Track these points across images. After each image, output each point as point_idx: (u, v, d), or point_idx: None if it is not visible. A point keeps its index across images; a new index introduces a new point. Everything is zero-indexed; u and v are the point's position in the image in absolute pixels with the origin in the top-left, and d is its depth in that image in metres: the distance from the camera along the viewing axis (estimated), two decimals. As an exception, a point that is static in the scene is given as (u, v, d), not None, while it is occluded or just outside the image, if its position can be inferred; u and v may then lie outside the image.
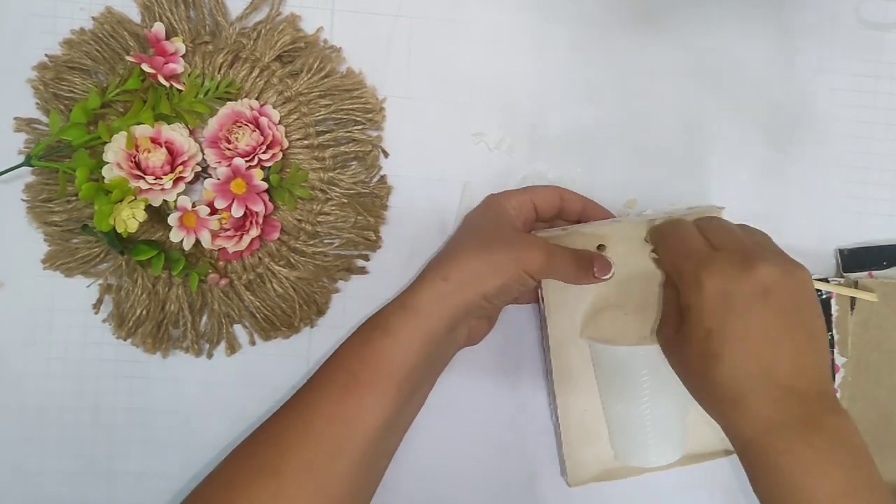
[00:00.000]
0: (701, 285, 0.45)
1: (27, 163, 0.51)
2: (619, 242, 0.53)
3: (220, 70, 0.53)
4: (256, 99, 0.53)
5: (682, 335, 0.47)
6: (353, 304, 0.56)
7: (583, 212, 0.54)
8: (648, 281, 0.54)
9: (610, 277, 0.51)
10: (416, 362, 0.47)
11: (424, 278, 0.49)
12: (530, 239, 0.49)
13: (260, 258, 0.54)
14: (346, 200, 0.54)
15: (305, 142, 0.54)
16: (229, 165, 0.51)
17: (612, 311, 0.54)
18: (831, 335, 0.57)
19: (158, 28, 0.52)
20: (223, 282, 0.54)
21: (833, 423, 0.43)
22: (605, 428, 0.55)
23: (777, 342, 0.43)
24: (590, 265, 0.51)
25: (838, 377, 0.56)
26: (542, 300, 0.53)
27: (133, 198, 0.50)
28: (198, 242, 0.52)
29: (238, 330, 0.56)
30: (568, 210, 0.54)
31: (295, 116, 0.53)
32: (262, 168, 0.52)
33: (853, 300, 0.57)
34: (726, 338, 0.44)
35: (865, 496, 0.42)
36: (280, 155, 0.52)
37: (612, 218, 0.55)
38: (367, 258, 0.56)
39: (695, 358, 0.45)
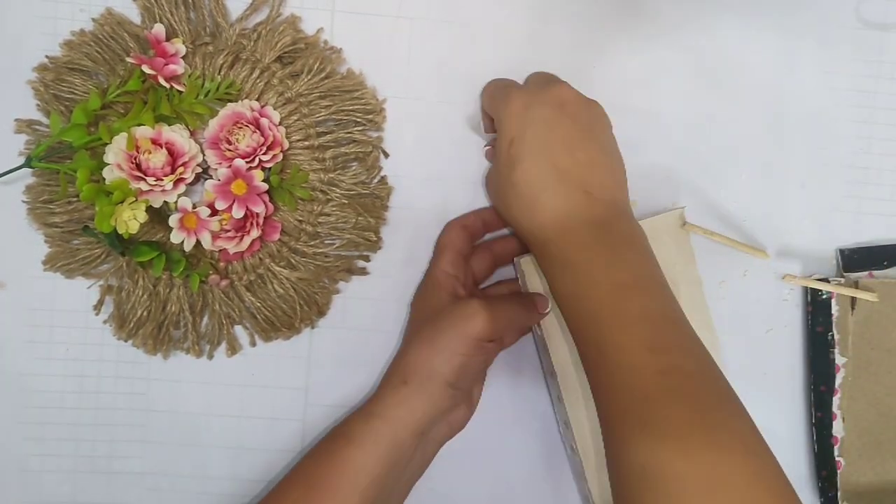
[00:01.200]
0: (509, 101, 0.48)
1: (28, 164, 0.51)
2: None
3: (220, 71, 0.53)
4: (257, 100, 0.53)
5: (495, 153, 0.49)
6: (353, 304, 0.56)
7: (483, 225, 0.55)
8: None
9: (548, 311, 0.52)
10: (381, 471, 0.47)
11: (386, 384, 0.50)
12: (472, 307, 0.49)
13: (260, 259, 0.54)
14: (346, 201, 0.54)
15: (306, 143, 0.54)
16: (230, 166, 0.51)
17: None
18: (831, 335, 0.57)
19: (159, 29, 0.52)
20: (224, 283, 0.54)
21: (624, 227, 0.46)
22: None
23: (571, 148, 0.46)
24: (533, 305, 0.51)
25: (838, 377, 0.56)
26: (538, 327, 0.53)
27: (134, 199, 0.50)
28: (198, 243, 0.52)
29: (239, 331, 0.56)
30: (490, 226, 0.55)
31: (295, 117, 0.53)
32: (263, 169, 0.52)
33: (853, 300, 0.57)
34: (525, 141, 0.46)
35: (651, 287, 0.44)
36: (280, 156, 0.52)
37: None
38: (367, 259, 0.56)
39: (503, 167, 0.47)
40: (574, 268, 0.44)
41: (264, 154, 0.51)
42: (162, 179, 0.50)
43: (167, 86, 0.51)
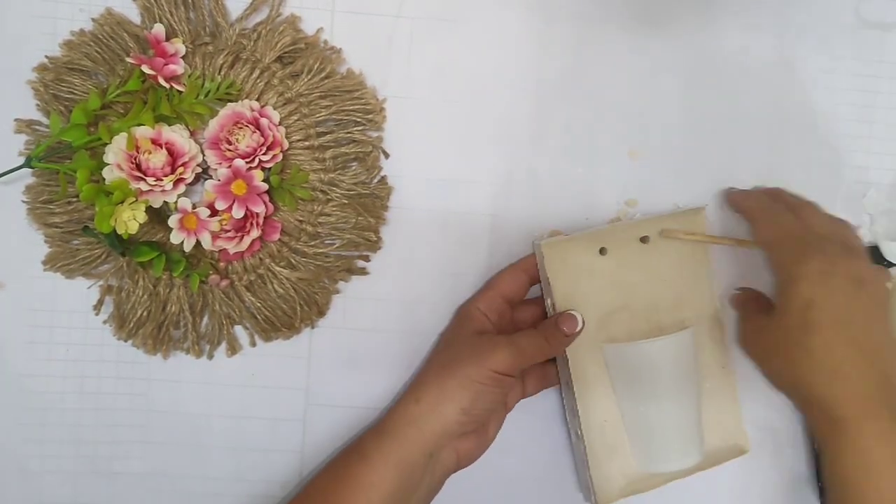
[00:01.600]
0: (805, 260, 0.46)
1: (27, 164, 0.51)
2: (618, 246, 0.54)
3: (220, 71, 0.53)
4: (257, 100, 0.53)
5: (778, 309, 0.47)
6: (353, 304, 0.56)
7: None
8: (651, 280, 0.54)
9: (581, 328, 0.52)
10: (393, 486, 0.48)
11: (399, 402, 0.51)
12: (494, 340, 0.50)
13: (261, 259, 0.54)
14: (346, 201, 0.54)
15: (306, 143, 0.54)
16: (230, 166, 0.51)
17: (619, 313, 0.54)
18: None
19: (158, 29, 0.52)
20: (224, 283, 0.54)
21: None
22: (625, 438, 0.54)
23: (870, 327, 0.45)
24: (557, 330, 0.51)
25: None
26: (553, 309, 0.53)
27: (134, 199, 0.50)
28: (198, 244, 0.52)
29: (239, 331, 0.56)
30: (535, 276, 0.55)
31: (295, 117, 0.53)
32: (263, 169, 0.52)
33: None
34: (826, 310, 0.45)
35: None
36: (280, 156, 0.52)
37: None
38: (367, 259, 0.56)
39: (793, 328, 0.46)
40: (864, 455, 0.43)
41: (264, 154, 0.51)
42: (162, 179, 0.50)
43: (167, 86, 0.51)
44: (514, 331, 0.53)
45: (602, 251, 0.54)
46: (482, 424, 0.52)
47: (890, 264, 0.57)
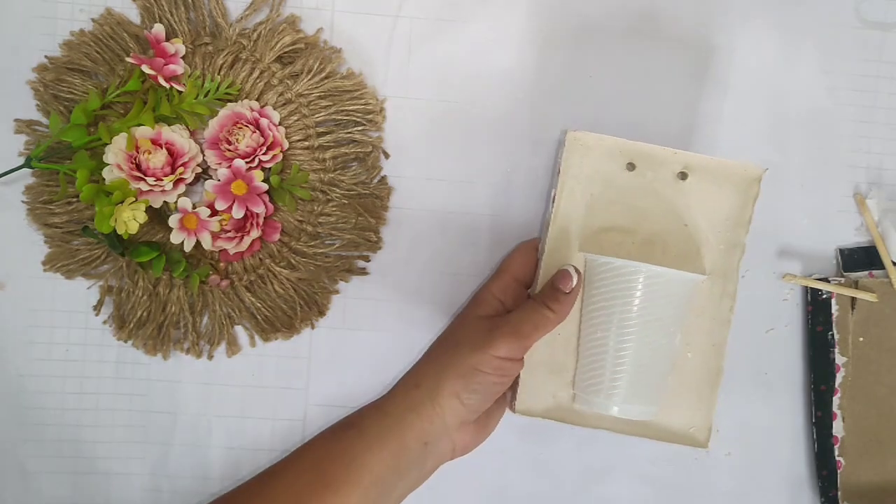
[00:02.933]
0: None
1: (27, 164, 0.51)
2: (651, 168, 0.50)
3: (220, 71, 0.53)
4: (257, 100, 0.53)
5: None
6: (353, 304, 0.56)
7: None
8: (671, 218, 0.51)
9: (577, 283, 0.49)
10: (385, 468, 0.48)
11: (399, 385, 0.51)
12: (496, 324, 0.49)
13: (260, 259, 0.54)
14: (346, 201, 0.54)
15: (306, 143, 0.54)
16: (230, 167, 0.51)
17: (618, 234, 0.51)
18: (831, 334, 0.57)
19: (158, 29, 0.52)
20: (224, 283, 0.54)
21: None
22: (573, 363, 0.51)
23: None
24: (555, 291, 0.49)
25: (838, 376, 0.56)
26: (552, 202, 0.51)
27: (133, 199, 0.50)
28: (198, 244, 0.52)
29: (239, 331, 0.56)
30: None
31: (295, 118, 0.53)
32: (263, 169, 0.52)
33: (853, 300, 0.57)
34: None
35: None
36: (280, 156, 0.52)
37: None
38: (367, 259, 0.56)
39: None
40: None
41: (264, 154, 0.51)
42: (162, 180, 0.50)
43: (167, 86, 0.51)
44: None
45: (630, 166, 0.50)
46: (482, 416, 0.51)
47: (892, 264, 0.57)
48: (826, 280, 0.57)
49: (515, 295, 0.53)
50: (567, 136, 0.51)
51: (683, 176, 0.51)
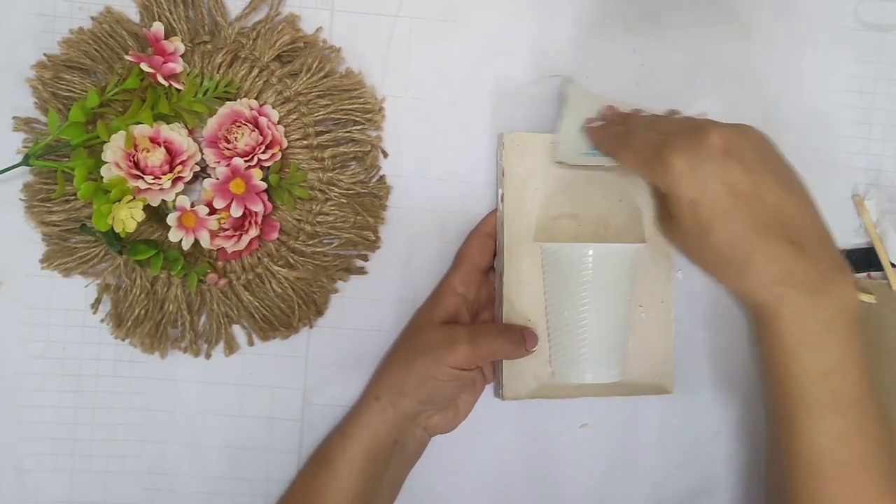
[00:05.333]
0: (668, 166, 0.44)
1: (25, 162, 0.51)
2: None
3: (219, 70, 0.53)
4: (255, 99, 0.53)
5: (674, 217, 0.46)
6: (351, 304, 0.56)
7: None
8: (607, 197, 0.55)
9: (534, 350, 0.52)
10: (359, 487, 0.50)
11: (361, 400, 0.53)
12: (453, 335, 0.50)
13: (259, 258, 0.54)
14: (345, 201, 0.54)
15: (304, 142, 0.54)
16: (228, 165, 0.51)
17: (566, 220, 0.55)
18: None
19: (157, 27, 0.52)
20: (222, 282, 0.54)
21: (840, 289, 0.44)
22: (546, 345, 0.54)
23: (756, 196, 0.44)
24: (522, 341, 0.51)
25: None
26: (501, 201, 0.54)
27: (131, 197, 0.50)
28: (196, 242, 0.51)
29: (237, 330, 0.56)
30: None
31: (294, 116, 0.53)
32: (262, 168, 0.52)
33: (851, 301, 0.57)
34: (709, 203, 0.44)
35: (854, 371, 0.44)
36: (279, 155, 0.52)
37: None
38: (366, 258, 0.56)
39: (692, 233, 0.45)
40: (780, 340, 0.44)
41: (263, 153, 0.51)
42: (160, 178, 0.50)
43: (166, 84, 0.51)
44: (490, 299, 0.54)
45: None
46: (448, 406, 0.53)
47: (892, 265, 0.57)
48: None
49: (477, 282, 0.54)
50: (504, 138, 0.54)
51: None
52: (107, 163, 0.50)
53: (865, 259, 0.57)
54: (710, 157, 0.44)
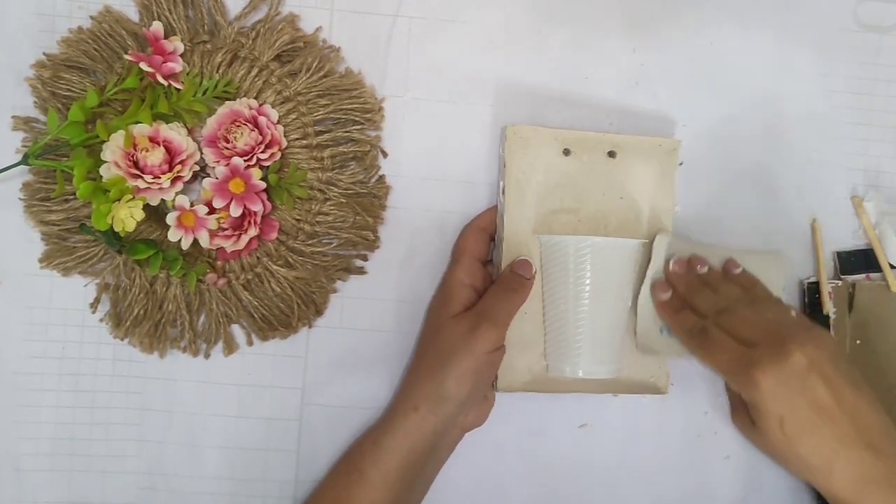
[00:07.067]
0: (756, 385, 0.47)
1: (24, 161, 0.51)
2: (583, 151, 0.55)
3: (218, 69, 0.53)
4: (255, 98, 0.53)
5: (759, 426, 0.49)
6: (351, 304, 0.56)
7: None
8: (608, 193, 0.55)
9: (534, 273, 0.53)
10: (393, 496, 0.50)
11: (397, 411, 0.51)
12: (474, 321, 0.50)
13: (258, 258, 0.54)
14: (344, 200, 0.54)
15: (304, 141, 0.54)
16: (228, 165, 0.51)
17: (566, 215, 0.55)
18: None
19: (157, 27, 0.52)
20: (221, 281, 0.54)
21: None
22: (542, 338, 0.54)
23: (838, 406, 0.47)
24: (516, 276, 0.52)
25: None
26: (502, 193, 0.54)
27: (131, 197, 0.50)
28: (196, 242, 0.51)
29: (236, 330, 0.56)
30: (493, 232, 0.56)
31: (294, 116, 0.53)
32: (261, 167, 0.52)
33: (851, 302, 0.57)
34: (797, 419, 0.47)
35: None
36: (279, 154, 0.52)
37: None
38: (365, 258, 0.56)
39: (779, 442, 0.49)
40: None
41: (262, 152, 0.51)
42: (159, 177, 0.50)
43: (165, 83, 0.51)
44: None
45: (566, 152, 0.54)
46: (481, 399, 0.54)
47: (891, 266, 0.57)
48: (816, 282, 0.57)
49: (481, 274, 0.54)
50: (507, 130, 0.54)
51: (613, 154, 0.55)
52: (106, 162, 0.50)
53: (864, 261, 0.57)
54: (795, 375, 0.47)
